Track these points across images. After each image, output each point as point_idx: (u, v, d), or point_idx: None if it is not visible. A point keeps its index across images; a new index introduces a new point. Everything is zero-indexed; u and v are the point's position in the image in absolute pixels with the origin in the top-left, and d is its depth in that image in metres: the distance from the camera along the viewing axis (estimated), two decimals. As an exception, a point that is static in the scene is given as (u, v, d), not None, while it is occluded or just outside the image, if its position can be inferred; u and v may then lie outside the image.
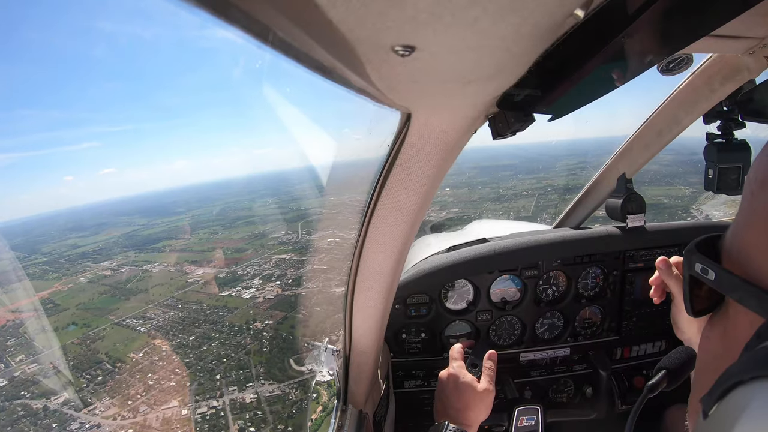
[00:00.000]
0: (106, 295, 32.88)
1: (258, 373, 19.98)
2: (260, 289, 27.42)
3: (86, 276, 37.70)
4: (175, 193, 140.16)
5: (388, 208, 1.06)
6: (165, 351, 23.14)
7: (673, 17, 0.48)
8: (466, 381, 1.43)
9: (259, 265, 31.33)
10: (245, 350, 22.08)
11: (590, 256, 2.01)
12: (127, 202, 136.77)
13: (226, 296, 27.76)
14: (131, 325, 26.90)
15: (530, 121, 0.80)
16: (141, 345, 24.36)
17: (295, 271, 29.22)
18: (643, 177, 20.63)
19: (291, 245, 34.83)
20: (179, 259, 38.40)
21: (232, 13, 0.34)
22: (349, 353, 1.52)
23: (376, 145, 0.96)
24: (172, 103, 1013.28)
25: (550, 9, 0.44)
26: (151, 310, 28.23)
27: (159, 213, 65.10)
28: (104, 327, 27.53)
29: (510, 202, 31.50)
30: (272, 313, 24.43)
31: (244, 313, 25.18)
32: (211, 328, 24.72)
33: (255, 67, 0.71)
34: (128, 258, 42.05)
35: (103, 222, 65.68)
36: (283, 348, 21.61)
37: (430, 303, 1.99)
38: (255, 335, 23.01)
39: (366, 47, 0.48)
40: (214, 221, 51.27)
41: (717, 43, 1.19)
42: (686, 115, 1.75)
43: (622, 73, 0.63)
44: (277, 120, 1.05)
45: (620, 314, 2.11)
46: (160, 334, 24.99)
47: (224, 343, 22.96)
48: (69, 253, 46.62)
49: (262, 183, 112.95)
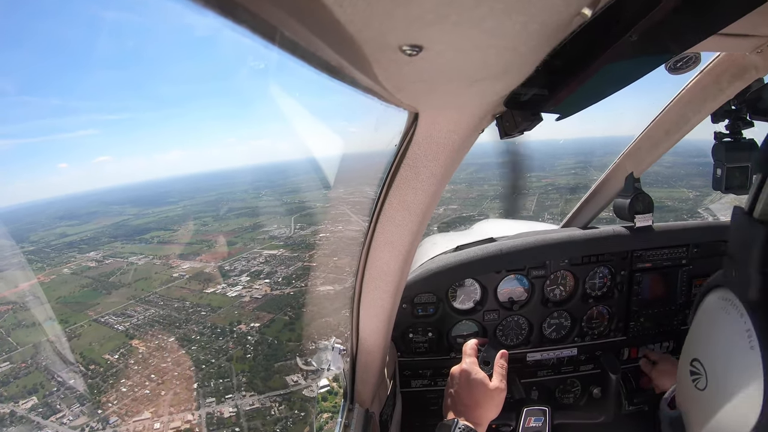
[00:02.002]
0: (87, 289, 32.24)
1: (239, 383, 18.42)
2: (247, 287, 26.00)
3: (70, 267, 37.44)
4: (170, 182, 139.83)
5: (396, 208, 1.06)
6: (141, 353, 21.69)
7: (680, 16, 0.48)
8: (478, 378, 1.42)
9: (248, 261, 30.08)
10: (227, 356, 20.46)
11: (598, 256, 2.00)
12: (120, 190, 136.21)
13: (210, 294, 26.60)
14: (110, 323, 25.84)
15: (538, 120, 0.80)
16: (117, 345, 23.13)
17: (286, 268, 27.73)
18: (645, 178, 21.37)
19: (282, 240, 33.46)
20: (166, 251, 37.50)
21: (240, 13, 0.35)
22: (356, 352, 1.52)
23: (382, 144, 0.96)
24: (170, 92, 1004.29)
25: (557, 8, 0.44)
26: (132, 307, 27.19)
27: (151, 203, 64.90)
28: (82, 324, 26.24)
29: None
30: (258, 314, 22.99)
31: (228, 314, 23.80)
32: (191, 329, 23.28)
33: (261, 66, 0.53)
34: (114, 249, 41.22)
35: (95, 210, 64.91)
36: (268, 355, 20.04)
37: (438, 302, 1.99)
38: (239, 339, 21.53)
39: (373, 47, 0.48)
40: (205, 212, 50.21)
41: (725, 41, 1.19)
42: (694, 114, 1.73)
43: (629, 72, 0.64)
44: (281, 115, 1.09)
45: (627, 314, 2.10)
46: (138, 334, 23.70)
47: (205, 347, 21.48)
48: (56, 242, 46.43)
49: (259, 174, 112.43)
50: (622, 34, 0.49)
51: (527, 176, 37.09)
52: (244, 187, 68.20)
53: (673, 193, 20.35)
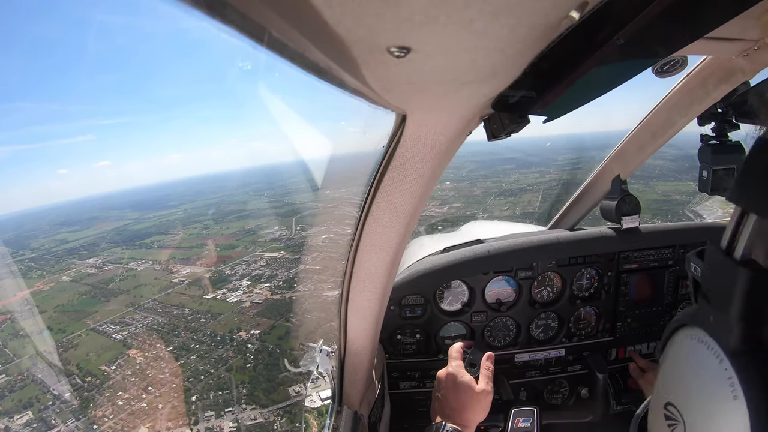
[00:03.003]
0: (86, 296, 31.75)
1: (239, 395, 17.52)
2: (248, 291, 25.21)
3: (69, 274, 36.77)
4: (170, 185, 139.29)
5: (383, 209, 1.05)
6: (139, 364, 20.89)
7: (668, 20, 0.49)
8: (464, 381, 1.42)
9: (249, 264, 29.27)
10: (226, 366, 19.57)
11: (585, 257, 2.01)
12: (121, 195, 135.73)
13: (210, 299, 25.79)
14: (107, 332, 25.07)
15: (525, 122, 0.80)
16: (115, 355, 22.36)
17: (287, 271, 26.85)
18: (651, 172, 20.81)
19: (283, 242, 32.64)
20: (166, 256, 36.81)
21: (228, 13, 0.34)
22: (344, 354, 1.51)
23: (370, 145, 0.95)
24: (168, 95, 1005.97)
25: (545, 11, 0.45)
26: (131, 315, 26.44)
27: (151, 207, 64.30)
28: (79, 333, 25.54)
29: (515, 197, 30.80)
30: (259, 320, 22.14)
31: (228, 320, 22.96)
32: (191, 337, 22.45)
33: (249, 66, 0.66)
34: (114, 255, 40.68)
35: (95, 216, 64.28)
36: (269, 364, 19.20)
37: (425, 304, 1.99)
38: (238, 347, 20.66)
39: (361, 48, 0.48)
40: (206, 215, 49.63)
41: (711, 45, 1.19)
42: (681, 117, 1.74)
43: (616, 74, 0.64)
44: (271, 116, 0.96)
45: (615, 315, 2.11)
46: (136, 343, 22.93)
47: (204, 356, 20.62)
48: (57, 249, 45.83)
49: (257, 176, 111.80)
50: (609, 38, 0.49)
51: (531, 173, 36.59)
52: (245, 189, 67.58)
53: (680, 187, 20.24)
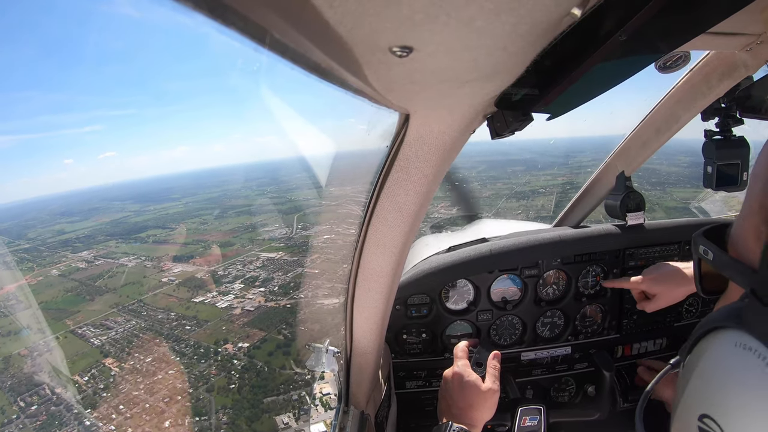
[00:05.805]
0: (71, 294, 30.16)
1: (218, 423, 15.08)
2: (239, 296, 22.83)
3: (59, 268, 35.28)
4: (174, 178, 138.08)
5: (388, 209, 1.05)
6: (114, 376, 18.68)
7: (670, 15, 0.48)
8: (470, 380, 1.41)
9: (244, 265, 27.17)
10: (207, 386, 17.18)
11: (590, 255, 2.00)
12: (124, 186, 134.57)
13: (198, 303, 23.76)
14: (86, 335, 23.19)
15: (528, 120, 0.80)
16: (90, 364, 20.36)
17: (284, 275, 24.42)
18: (668, 179, 18.13)
19: (283, 241, 30.29)
20: (159, 252, 34.92)
21: (229, 15, 0.34)
22: (350, 354, 1.51)
23: (374, 144, 0.95)
24: (175, 88, 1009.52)
25: (547, 8, 0.44)
26: (113, 317, 24.30)
27: (153, 199, 62.59)
28: (58, 335, 23.38)
29: (527, 200, 29.99)
30: (249, 331, 19.86)
31: (215, 329, 20.70)
32: (172, 347, 20.25)
33: (253, 66, 0.65)
34: (108, 248, 38.83)
35: (96, 207, 62.67)
36: (256, 386, 16.73)
37: (431, 303, 1.98)
38: (223, 363, 18.33)
39: (363, 48, 0.48)
40: (206, 210, 47.70)
41: (714, 40, 1.18)
42: (684, 113, 1.74)
43: (619, 71, 0.64)
44: (273, 114, 0.98)
45: (620, 312, 2.11)
46: (113, 351, 20.86)
47: (184, 370, 18.30)
48: (52, 240, 44.43)
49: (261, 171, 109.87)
50: (611, 34, 0.49)
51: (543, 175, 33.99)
52: (248, 184, 65.50)
53: (698, 194, 17.03)
